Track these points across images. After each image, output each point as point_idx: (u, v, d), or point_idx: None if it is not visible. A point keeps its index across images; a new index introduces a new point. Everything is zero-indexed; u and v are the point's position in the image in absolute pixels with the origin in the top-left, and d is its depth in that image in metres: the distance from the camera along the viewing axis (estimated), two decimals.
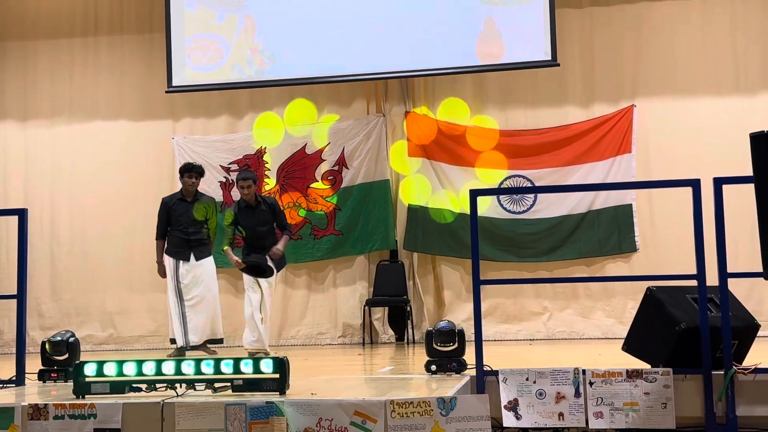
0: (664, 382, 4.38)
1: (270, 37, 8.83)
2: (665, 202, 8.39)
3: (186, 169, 7.70)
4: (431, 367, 4.91)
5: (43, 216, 9.48)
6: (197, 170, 7.70)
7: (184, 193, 7.65)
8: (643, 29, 8.88)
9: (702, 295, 4.46)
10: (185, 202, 7.63)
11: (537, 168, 8.80)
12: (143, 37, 9.53)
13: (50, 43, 9.68)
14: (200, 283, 7.50)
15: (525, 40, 8.38)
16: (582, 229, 8.73)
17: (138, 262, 9.31)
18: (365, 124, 9.13)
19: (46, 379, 5.05)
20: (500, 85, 8.99)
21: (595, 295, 8.71)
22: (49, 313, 9.38)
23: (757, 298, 8.07)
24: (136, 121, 9.53)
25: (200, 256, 7.56)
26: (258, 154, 9.25)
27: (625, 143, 8.70)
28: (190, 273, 7.48)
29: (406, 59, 8.59)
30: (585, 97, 8.91)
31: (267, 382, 4.02)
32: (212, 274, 7.65)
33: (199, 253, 7.56)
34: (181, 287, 7.46)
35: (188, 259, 7.50)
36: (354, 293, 9.07)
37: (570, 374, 4.46)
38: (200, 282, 7.50)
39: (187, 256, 7.51)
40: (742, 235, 7.32)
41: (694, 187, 4.51)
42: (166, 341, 9.20)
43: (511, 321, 8.80)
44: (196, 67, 8.91)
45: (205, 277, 7.56)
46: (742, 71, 8.68)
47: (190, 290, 7.46)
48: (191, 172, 7.63)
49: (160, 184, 9.37)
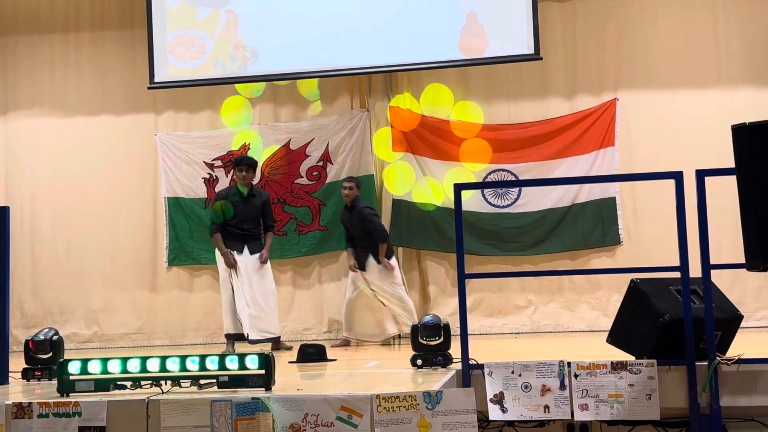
0: (649, 373, 4.41)
1: (252, 33, 8.79)
2: (648, 194, 8.43)
3: (236, 162, 7.69)
4: (417, 362, 4.92)
5: (24, 213, 9.41)
6: (246, 162, 7.61)
7: (239, 188, 7.58)
8: (625, 22, 8.91)
9: (685, 286, 4.48)
10: (241, 197, 7.56)
11: (521, 162, 8.81)
12: (125, 33, 9.47)
13: (30, 39, 9.60)
14: (254, 277, 7.41)
15: (508, 33, 8.38)
16: (566, 223, 8.76)
17: (122, 259, 9.29)
18: (349, 119, 9.11)
19: (30, 378, 5.02)
20: (483, 79, 9.00)
21: (579, 288, 8.74)
22: (31, 311, 9.32)
23: (740, 290, 8.12)
24: (118, 116, 9.47)
25: (254, 250, 7.50)
26: (242, 150, 9.22)
27: (608, 137, 8.73)
28: (243, 265, 7.40)
29: (390, 54, 8.57)
30: (568, 90, 8.94)
31: (253, 378, 4.01)
32: (271, 273, 7.59)
33: (254, 247, 7.52)
34: (238, 280, 7.36)
35: (242, 251, 7.45)
36: (339, 289, 9.04)
37: (555, 367, 4.48)
38: (253, 275, 7.41)
39: (240, 249, 7.46)
40: (725, 227, 7.37)
41: (677, 180, 4.53)
42: (151, 338, 9.19)
43: (496, 315, 8.83)
44: (179, 63, 8.87)
45: (265, 275, 7.49)
46: (723, 63, 8.72)
47: (244, 283, 7.36)
48: (240, 165, 7.57)
49: (142, 180, 9.35)
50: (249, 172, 7.57)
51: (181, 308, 9.20)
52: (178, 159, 9.27)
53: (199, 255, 9.16)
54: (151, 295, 9.25)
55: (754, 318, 8.13)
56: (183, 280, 9.25)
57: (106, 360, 4.10)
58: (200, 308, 9.16)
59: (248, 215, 7.56)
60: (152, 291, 9.26)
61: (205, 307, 9.12)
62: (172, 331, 9.17)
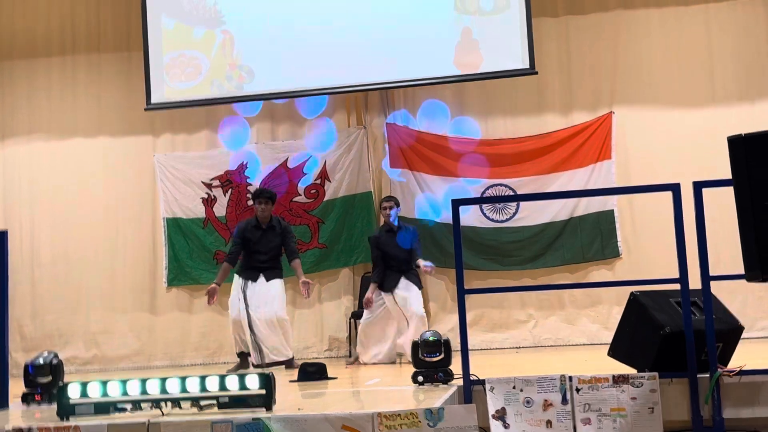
0: (651, 386, 4.39)
1: (248, 52, 8.82)
2: (646, 207, 8.44)
3: (255, 195, 7.65)
4: (418, 378, 4.90)
5: (23, 236, 9.40)
6: (266, 195, 7.58)
7: (258, 219, 7.55)
8: (620, 37, 8.95)
9: (685, 298, 4.48)
10: (260, 229, 7.54)
11: (518, 176, 8.83)
12: (121, 55, 9.50)
13: (27, 62, 9.62)
14: (266, 305, 7.34)
15: (502, 49, 8.41)
16: (565, 236, 8.76)
17: (120, 281, 9.27)
18: (346, 137, 9.13)
19: (30, 402, 4.99)
20: (480, 95, 9.03)
21: (579, 302, 8.73)
22: (31, 334, 9.29)
23: (741, 300, 8.10)
24: (115, 138, 9.48)
25: (270, 277, 7.47)
26: (239, 169, 9.23)
27: (605, 150, 8.75)
28: (256, 293, 7.36)
29: (386, 71, 8.60)
30: (564, 105, 8.96)
31: (253, 398, 3.99)
32: (281, 297, 7.50)
33: (270, 274, 7.48)
34: (248, 308, 7.31)
35: (256, 280, 7.42)
36: (339, 307, 9.05)
37: (557, 381, 4.46)
38: (266, 302, 7.35)
39: (255, 277, 7.43)
40: (725, 238, 7.33)
41: (675, 192, 4.53)
42: (151, 360, 9.16)
43: (497, 329, 8.81)
44: (175, 84, 8.89)
45: (272, 298, 7.41)
46: (717, 75, 8.76)
47: (256, 310, 7.31)
48: (260, 197, 7.54)
49: (141, 201, 9.35)
50: (268, 204, 7.54)
51: (180, 329, 9.18)
52: (177, 179, 9.28)
53: (199, 275, 9.15)
54: (150, 316, 9.23)
55: (756, 328, 8.12)
56: (182, 301, 9.24)
57: (105, 382, 4.08)
58: (200, 329, 9.14)
59: (266, 246, 7.53)
60: (152, 312, 9.24)
61: (205, 327, 9.11)
62: (172, 352, 9.15)
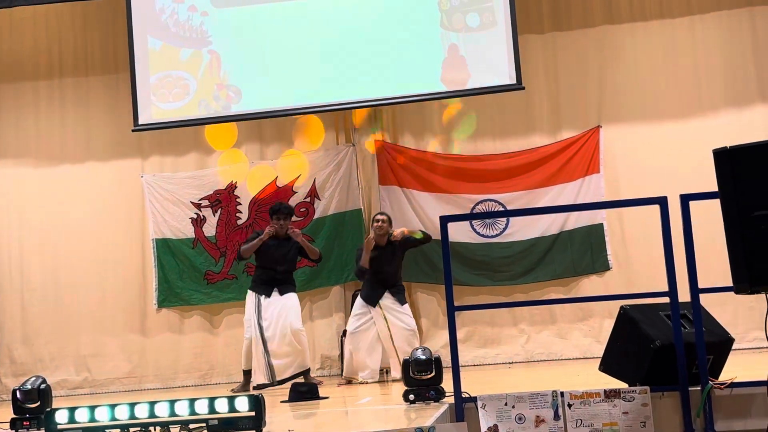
0: (642, 400, 4.38)
1: (236, 72, 8.82)
2: (635, 220, 8.45)
3: (273, 211, 7.64)
4: (409, 397, 4.88)
5: (12, 262, 9.34)
6: (285, 211, 7.60)
7: (277, 233, 7.55)
8: (606, 52, 8.99)
9: (674, 311, 4.48)
10: (276, 240, 7.53)
11: (507, 192, 8.83)
12: (109, 77, 9.47)
13: (14, 86, 9.59)
14: (281, 318, 7.34)
15: (489, 65, 8.43)
16: (555, 251, 8.76)
17: (111, 303, 9.21)
18: (335, 155, 9.13)
19: (18, 428, 4.94)
20: (467, 111, 9.04)
21: (571, 316, 8.72)
22: (21, 359, 9.20)
23: (732, 311, 8.09)
24: (104, 162, 9.45)
25: (284, 291, 7.47)
26: (229, 189, 9.21)
27: (593, 163, 8.77)
28: (271, 306, 7.37)
29: (373, 88, 8.60)
30: (552, 121, 8.99)
31: (243, 420, 3.97)
32: (296, 309, 7.50)
33: (284, 288, 7.49)
34: (262, 322, 7.32)
35: (270, 295, 7.42)
36: (331, 324, 9.02)
37: (548, 397, 4.45)
38: (283, 317, 7.35)
39: (269, 292, 7.43)
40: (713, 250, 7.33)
41: (662, 205, 4.54)
42: (142, 382, 9.10)
43: (489, 345, 8.79)
44: (162, 105, 8.87)
45: (287, 311, 7.40)
46: (704, 89, 8.80)
47: (271, 326, 7.30)
48: (278, 214, 7.55)
49: (129, 222, 9.30)
50: (286, 220, 7.56)
51: (172, 350, 9.11)
52: (165, 200, 9.25)
53: (189, 296, 9.11)
54: (141, 338, 9.17)
55: (746, 339, 8.11)
56: (173, 322, 9.18)
57: (93, 408, 4.05)
58: (191, 350, 9.08)
59: (282, 258, 7.54)
60: (142, 334, 9.18)
61: (196, 348, 9.06)
62: (163, 374, 9.08)
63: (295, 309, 7.51)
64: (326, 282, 9.04)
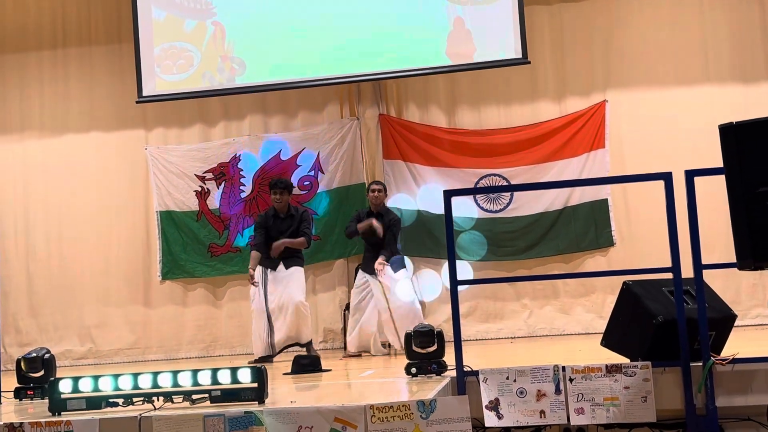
0: (644, 375, 4.38)
1: (240, 44, 8.78)
2: (640, 195, 8.42)
3: (271, 185, 7.69)
4: (411, 370, 4.89)
5: (18, 232, 9.38)
6: (281, 185, 7.63)
7: (276, 209, 7.61)
8: (613, 23, 8.92)
9: (677, 287, 4.46)
10: (278, 218, 7.59)
11: (512, 166, 8.81)
12: (112, 47, 9.44)
13: (18, 56, 9.57)
14: (285, 291, 7.40)
15: (495, 38, 8.38)
16: (559, 226, 8.75)
17: (115, 275, 9.25)
18: (339, 128, 9.10)
19: (22, 397, 4.98)
20: (472, 85, 9.00)
21: (574, 291, 8.73)
22: (26, 329, 9.27)
23: (735, 288, 8.11)
24: (108, 132, 9.44)
25: (289, 265, 7.51)
26: (233, 162, 9.20)
27: (599, 139, 8.73)
28: (277, 279, 7.44)
29: (378, 62, 8.57)
30: (557, 94, 8.94)
31: (245, 391, 3.98)
32: (300, 282, 7.55)
33: (289, 262, 7.53)
34: (268, 296, 7.38)
35: (276, 268, 7.47)
36: (334, 298, 9.04)
37: (550, 371, 4.45)
38: (285, 289, 7.41)
39: (275, 266, 7.48)
40: (718, 226, 7.37)
41: (666, 181, 4.52)
42: (145, 353, 9.15)
43: (491, 320, 8.81)
44: (166, 76, 8.85)
45: (291, 283, 7.46)
46: (711, 62, 8.74)
47: (275, 298, 7.37)
48: (275, 188, 7.60)
49: (134, 194, 9.32)
50: (284, 194, 7.59)
51: (175, 322, 9.16)
52: (170, 172, 9.25)
53: (193, 268, 9.14)
54: (145, 309, 9.21)
55: (749, 316, 8.13)
56: (177, 294, 9.22)
57: (97, 377, 4.06)
58: (194, 321, 9.13)
59: (286, 233, 7.57)
60: (146, 305, 9.22)
61: (200, 320, 9.11)
62: (166, 346, 9.13)
63: (300, 282, 7.55)
64: (329, 256, 9.05)
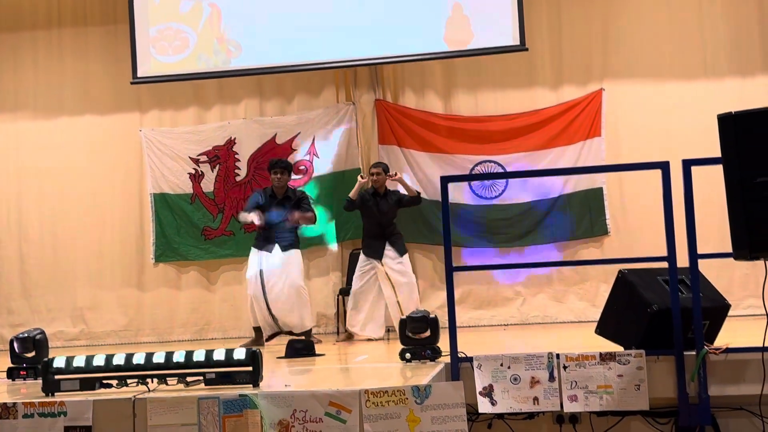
0: (637, 364, 4.41)
1: (236, 26, 8.72)
2: (636, 184, 8.43)
3: (271, 165, 7.58)
4: (406, 355, 4.90)
5: (11, 213, 9.34)
6: (281, 165, 7.53)
7: (274, 190, 7.52)
8: (611, 12, 8.89)
9: (672, 276, 4.48)
10: (275, 199, 7.49)
11: (507, 153, 8.79)
12: (107, 28, 9.36)
13: (12, 36, 9.49)
14: (282, 274, 7.34)
15: (493, 25, 8.35)
16: (554, 214, 8.75)
17: (108, 257, 9.22)
18: (335, 113, 9.07)
19: (15, 377, 4.98)
20: (469, 71, 8.97)
21: (567, 280, 8.74)
22: (18, 310, 9.25)
23: (728, 278, 8.12)
24: (102, 114, 9.38)
25: (285, 249, 7.43)
26: (228, 145, 9.17)
27: (595, 127, 8.72)
28: (273, 263, 7.34)
29: (375, 46, 8.52)
30: (554, 81, 8.92)
31: (240, 374, 3.98)
32: (298, 266, 7.49)
33: (285, 246, 7.45)
34: (264, 278, 7.30)
35: (272, 251, 7.40)
36: (327, 283, 9.03)
37: (544, 359, 4.47)
38: (283, 272, 7.34)
39: (271, 249, 7.41)
40: (713, 216, 7.35)
41: (663, 170, 4.52)
42: (138, 336, 9.14)
43: (485, 307, 8.81)
44: (162, 58, 8.79)
45: (288, 267, 7.39)
46: (709, 52, 8.72)
47: (272, 280, 7.30)
48: (276, 167, 7.48)
49: (128, 176, 9.28)
50: (284, 174, 7.49)
51: (168, 305, 9.14)
52: (164, 155, 9.20)
53: (186, 251, 9.12)
54: (138, 292, 9.19)
55: (742, 306, 8.12)
56: (170, 277, 9.20)
57: (90, 357, 4.06)
58: (188, 305, 9.11)
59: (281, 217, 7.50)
60: (139, 288, 9.20)
61: (193, 303, 9.09)
62: (159, 328, 9.12)
63: (297, 266, 7.51)
64: (324, 241, 9.03)
